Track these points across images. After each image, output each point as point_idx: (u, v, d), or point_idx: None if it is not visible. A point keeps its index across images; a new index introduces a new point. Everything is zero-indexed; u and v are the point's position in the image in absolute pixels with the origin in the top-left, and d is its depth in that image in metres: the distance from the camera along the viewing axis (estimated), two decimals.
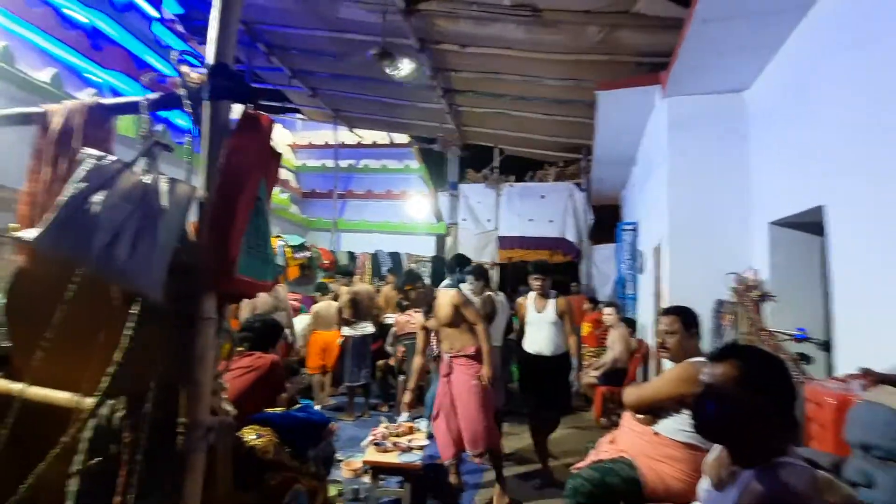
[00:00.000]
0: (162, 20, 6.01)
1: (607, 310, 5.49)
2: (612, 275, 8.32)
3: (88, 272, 1.29)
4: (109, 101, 1.52)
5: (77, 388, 1.34)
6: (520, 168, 9.44)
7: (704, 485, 1.26)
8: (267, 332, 2.36)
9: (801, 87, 2.92)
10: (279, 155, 1.31)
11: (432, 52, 5.16)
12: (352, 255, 8.89)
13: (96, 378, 1.28)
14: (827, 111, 2.55)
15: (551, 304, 3.73)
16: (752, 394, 1.11)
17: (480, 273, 3.88)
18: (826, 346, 3.03)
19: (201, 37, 6.17)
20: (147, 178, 1.23)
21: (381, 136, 10.03)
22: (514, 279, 11.30)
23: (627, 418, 2.14)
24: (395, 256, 9.01)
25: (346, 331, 5.13)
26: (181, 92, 1.29)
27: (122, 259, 1.15)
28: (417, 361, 3.54)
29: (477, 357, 3.19)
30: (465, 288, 3.71)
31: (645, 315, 5.59)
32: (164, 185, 1.21)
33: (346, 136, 9.58)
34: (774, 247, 3.31)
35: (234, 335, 2.17)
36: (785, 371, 1.17)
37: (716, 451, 1.26)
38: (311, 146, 10.20)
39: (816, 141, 2.66)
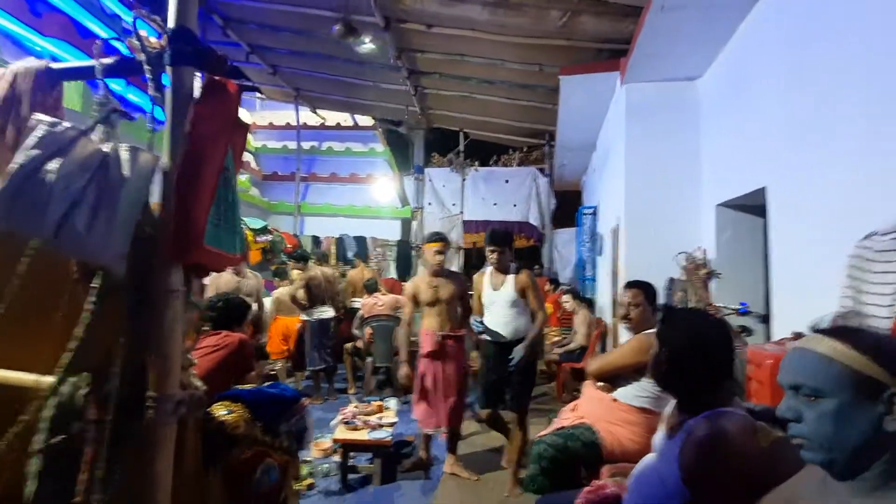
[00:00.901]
0: None
1: (565, 297, 5.69)
2: (573, 258, 8.60)
3: (42, 245, 1.24)
4: (60, 65, 1.43)
5: (34, 367, 1.29)
6: (485, 152, 9.52)
7: (659, 435, 1.38)
8: (231, 311, 2.32)
9: (745, 77, 3.10)
10: (246, 125, 1.29)
11: (397, 30, 5.09)
12: (316, 240, 8.74)
13: (55, 356, 1.24)
14: (768, 101, 2.72)
15: (510, 280, 3.11)
16: (698, 348, 1.25)
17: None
18: (765, 319, 3.28)
19: (150, 6, 5.80)
20: (105, 147, 1.18)
21: (344, 118, 9.82)
22: (479, 264, 11.45)
23: (588, 387, 2.26)
24: (360, 240, 8.93)
25: (303, 316, 5.08)
26: (140, 57, 1.24)
27: (80, 231, 1.11)
28: (404, 333, 3.58)
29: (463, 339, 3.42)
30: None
31: (603, 295, 5.83)
32: (124, 154, 1.17)
33: (308, 117, 9.31)
34: (721, 227, 3.53)
35: (203, 307, 2.13)
36: (726, 331, 1.32)
37: (671, 405, 1.38)
38: (271, 127, 9.86)
39: (759, 128, 2.83)
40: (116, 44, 1.46)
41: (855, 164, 1.90)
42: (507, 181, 9.10)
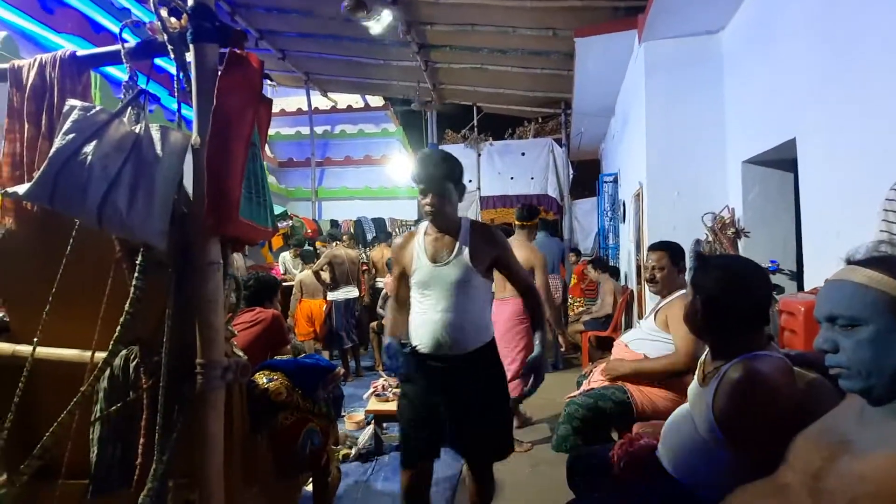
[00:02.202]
0: None
1: (589, 267, 5.67)
2: (594, 228, 8.50)
3: (85, 225, 1.29)
4: (86, 52, 1.47)
5: (88, 343, 1.37)
6: (499, 126, 9.40)
7: (693, 385, 1.39)
8: (262, 288, 2.39)
9: (770, 26, 2.96)
10: (269, 101, 1.30)
11: (405, 3, 4.99)
12: (335, 223, 8.83)
13: (106, 331, 1.31)
14: (795, 49, 2.60)
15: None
16: (735, 288, 1.24)
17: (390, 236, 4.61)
18: (795, 276, 3.21)
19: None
20: (137, 128, 1.22)
21: (355, 100, 9.77)
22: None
23: (618, 347, 2.27)
24: (378, 222, 8.99)
25: (329, 296, 5.17)
26: (161, 38, 1.26)
27: (121, 210, 1.15)
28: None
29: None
30: None
31: (627, 263, 5.78)
32: (155, 134, 1.20)
33: (319, 101, 9.30)
34: (747, 185, 3.43)
35: (240, 280, 2.20)
36: (762, 271, 1.31)
37: (704, 355, 1.38)
38: (283, 113, 9.89)
39: (787, 78, 2.72)
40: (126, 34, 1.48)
41: (887, 108, 1.82)
42: (523, 154, 8.97)
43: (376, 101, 9.66)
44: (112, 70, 4.55)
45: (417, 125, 9.46)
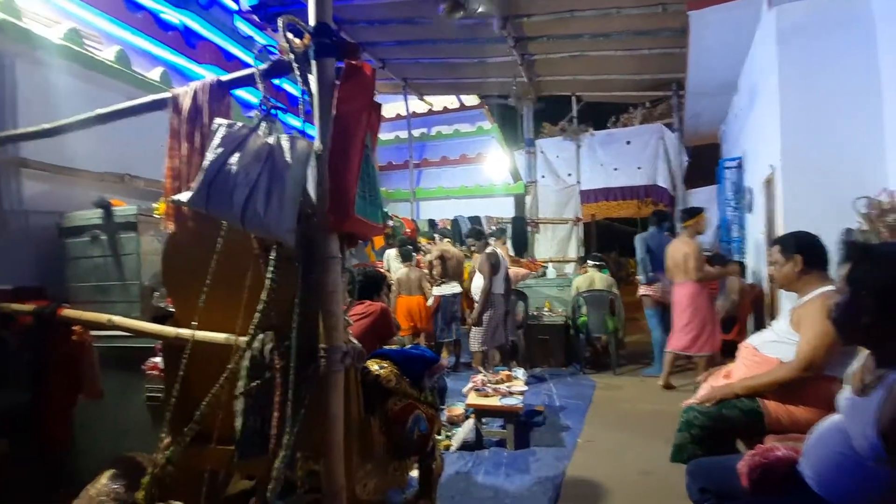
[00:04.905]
0: (240, 12, 6.42)
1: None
2: (714, 219, 7.69)
3: (232, 226, 1.50)
4: (227, 77, 1.70)
5: (232, 328, 1.59)
6: (601, 115, 8.94)
7: (845, 395, 1.20)
8: (371, 283, 2.56)
9: None
10: (379, 105, 1.39)
11: None
12: (432, 223, 9.11)
13: (248, 318, 1.51)
14: None
15: None
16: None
17: (479, 234, 5.06)
18: None
19: (275, 23, 6.48)
20: (271, 139, 1.38)
21: (451, 101, 9.97)
22: (600, 237, 10.89)
23: (746, 349, 2.04)
24: (475, 220, 9.08)
25: (436, 290, 5.34)
26: (288, 57, 1.41)
27: (260, 212, 1.32)
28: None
29: None
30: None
31: (756, 258, 5.17)
32: (285, 143, 1.35)
33: (416, 105, 9.65)
34: None
35: (355, 273, 2.42)
36: None
37: (860, 360, 1.19)
38: (382, 120, 10.41)
39: None
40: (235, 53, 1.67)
41: None
42: (628, 142, 8.41)
43: (471, 100, 9.76)
44: (240, 92, 5.20)
45: (513, 121, 9.38)
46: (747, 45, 4.60)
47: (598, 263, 5.73)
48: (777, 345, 1.93)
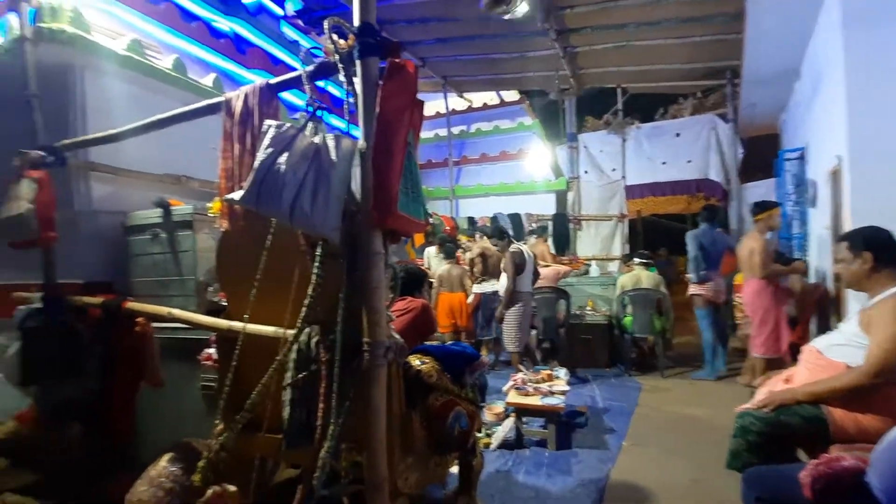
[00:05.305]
0: (286, 17, 6.63)
1: None
2: None
3: (280, 224, 1.55)
4: (275, 80, 1.76)
5: (280, 322, 1.65)
6: (647, 107, 8.59)
7: None
8: (412, 279, 2.60)
9: None
10: (421, 102, 1.40)
11: None
12: (471, 220, 9.09)
13: (296, 312, 1.56)
14: None
15: None
16: None
17: (502, 232, 4.89)
18: None
19: (319, 27, 6.66)
20: (317, 138, 1.42)
21: (490, 97, 9.91)
22: (646, 234, 10.49)
23: (810, 353, 1.92)
24: (514, 218, 8.98)
25: (476, 288, 5.33)
26: (334, 58, 1.45)
27: (307, 210, 1.36)
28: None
29: None
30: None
31: (819, 256, 4.83)
32: (331, 142, 1.39)
33: (455, 102, 9.66)
34: None
35: (397, 269, 2.46)
36: None
37: None
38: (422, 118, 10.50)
39: None
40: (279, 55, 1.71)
41: None
42: (677, 135, 8.04)
43: (511, 96, 9.66)
44: (285, 95, 5.38)
45: (555, 115, 9.20)
46: (809, 29, 4.29)
47: (645, 261, 5.54)
48: (844, 348, 1.80)
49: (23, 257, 2.80)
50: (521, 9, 4.76)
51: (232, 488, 1.66)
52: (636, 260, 5.61)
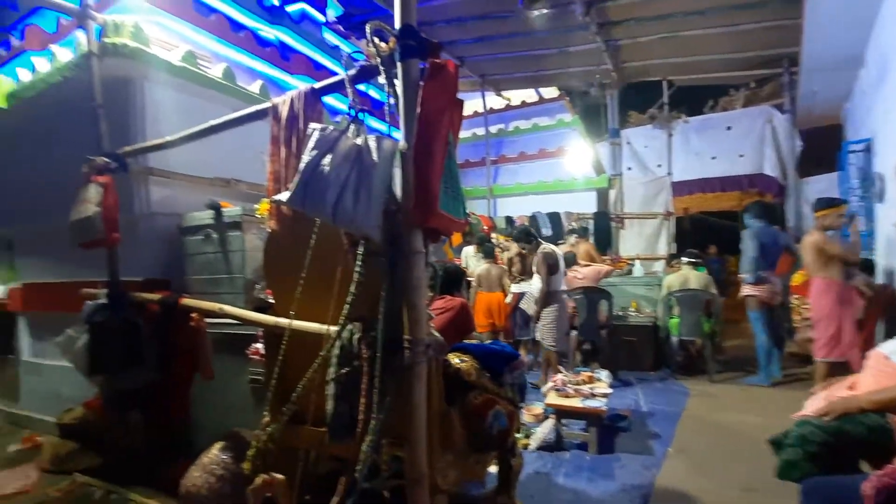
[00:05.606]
0: (327, 23, 6.81)
1: None
2: None
3: (325, 223, 1.60)
4: (319, 84, 1.81)
5: (324, 318, 1.70)
6: (695, 100, 8.21)
7: None
8: (451, 278, 2.61)
9: None
10: (461, 102, 1.41)
11: None
12: (509, 220, 9.01)
13: (337, 309, 1.61)
14: None
15: None
16: None
17: (528, 235, 4.74)
18: None
19: (359, 32, 6.80)
20: (359, 140, 1.45)
21: (529, 95, 9.78)
22: (694, 233, 10.02)
23: (876, 358, 1.79)
24: (553, 217, 8.83)
25: (515, 287, 5.29)
26: (375, 61, 1.47)
27: (349, 209, 1.39)
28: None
29: None
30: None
31: (888, 254, 4.48)
32: (372, 143, 1.42)
33: (493, 101, 9.60)
34: None
35: (437, 268, 2.49)
36: None
37: None
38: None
39: None
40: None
41: None
42: (728, 128, 7.65)
43: (550, 92, 9.49)
44: (326, 99, 5.53)
45: (595, 111, 8.97)
46: (873, 12, 3.98)
47: (693, 261, 5.30)
48: None
49: (89, 256, 3.03)
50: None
51: (279, 477, 1.73)
52: (684, 259, 5.38)
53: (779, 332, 4.88)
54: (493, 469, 2.12)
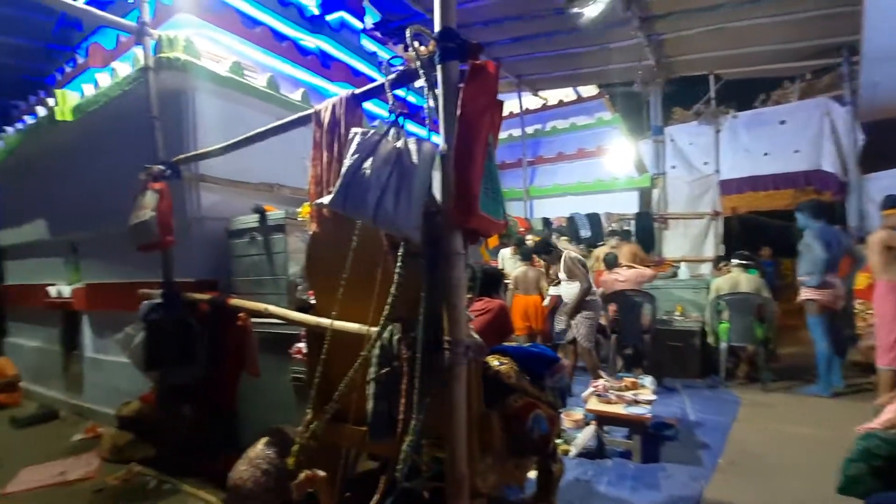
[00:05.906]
0: (364, 30, 6.95)
1: None
2: None
3: (366, 225, 1.63)
4: (359, 90, 1.85)
5: (365, 319, 1.72)
6: (745, 94, 7.79)
7: None
8: (490, 280, 2.59)
9: None
10: (501, 103, 1.40)
11: None
12: (546, 221, 8.87)
13: (378, 310, 1.63)
14: None
15: None
16: None
17: (547, 245, 4.76)
18: None
19: (396, 37, 6.90)
20: (399, 143, 1.47)
21: (566, 94, 9.62)
22: (744, 233, 9.52)
23: None
24: (593, 218, 8.61)
25: (553, 290, 5.20)
26: (415, 65, 1.49)
27: (390, 211, 1.41)
28: None
29: None
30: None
31: None
32: (412, 146, 1.43)
33: (529, 101, 9.49)
34: None
35: (476, 270, 2.49)
36: None
37: None
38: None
39: None
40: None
41: None
42: (782, 122, 7.20)
43: (589, 91, 9.30)
44: (365, 104, 5.63)
45: (636, 109, 8.70)
46: None
47: (744, 263, 5.04)
48: None
49: (146, 258, 3.21)
50: (600, 2, 4.59)
51: (322, 473, 1.77)
52: (734, 261, 5.12)
53: (840, 339, 4.56)
54: (532, 474, 2.09)
